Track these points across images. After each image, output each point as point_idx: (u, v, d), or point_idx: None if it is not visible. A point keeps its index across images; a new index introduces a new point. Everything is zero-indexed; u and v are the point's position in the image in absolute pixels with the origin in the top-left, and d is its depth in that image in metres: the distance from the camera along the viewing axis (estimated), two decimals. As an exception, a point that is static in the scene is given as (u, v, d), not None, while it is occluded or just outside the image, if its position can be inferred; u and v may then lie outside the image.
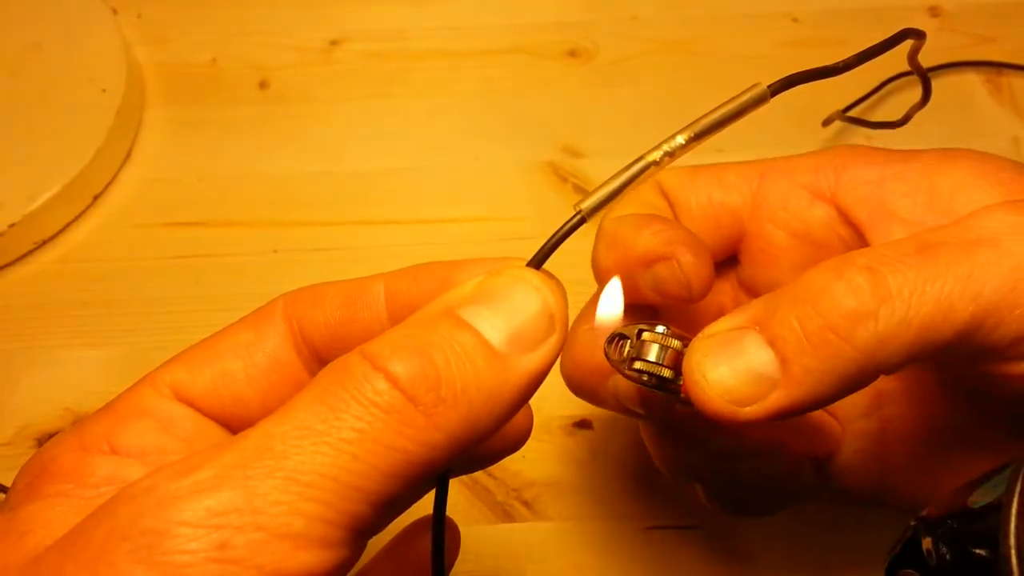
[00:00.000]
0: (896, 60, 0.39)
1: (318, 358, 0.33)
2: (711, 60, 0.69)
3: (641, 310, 0.39)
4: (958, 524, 0.29)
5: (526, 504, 0.52)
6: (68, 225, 0.62)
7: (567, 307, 0.29)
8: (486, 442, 0.28)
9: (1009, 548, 0.26)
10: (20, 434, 0.55)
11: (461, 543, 0.40)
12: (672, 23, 0.71)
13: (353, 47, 0.70)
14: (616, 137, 0.65)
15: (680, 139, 0.32)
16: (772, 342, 0.31)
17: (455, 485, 0.52)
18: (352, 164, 0.65)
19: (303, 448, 0.25)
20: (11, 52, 0.66)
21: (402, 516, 0.34)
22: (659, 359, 0.34)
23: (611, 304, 0.35)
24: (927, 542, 0.30)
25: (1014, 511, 0.27)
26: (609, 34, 0.70)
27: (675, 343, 0.34)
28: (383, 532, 0.34)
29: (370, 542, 0.29)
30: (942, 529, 0.29)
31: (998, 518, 0.27)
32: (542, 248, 0.30)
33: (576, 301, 0.31)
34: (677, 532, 0.52)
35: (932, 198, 0.36)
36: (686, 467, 0.42)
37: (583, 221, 0.31)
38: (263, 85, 0.68)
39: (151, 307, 0.59)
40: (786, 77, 0.34)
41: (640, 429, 0.43)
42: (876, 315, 0.31)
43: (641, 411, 0.39)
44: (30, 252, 0.61)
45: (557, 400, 0.54)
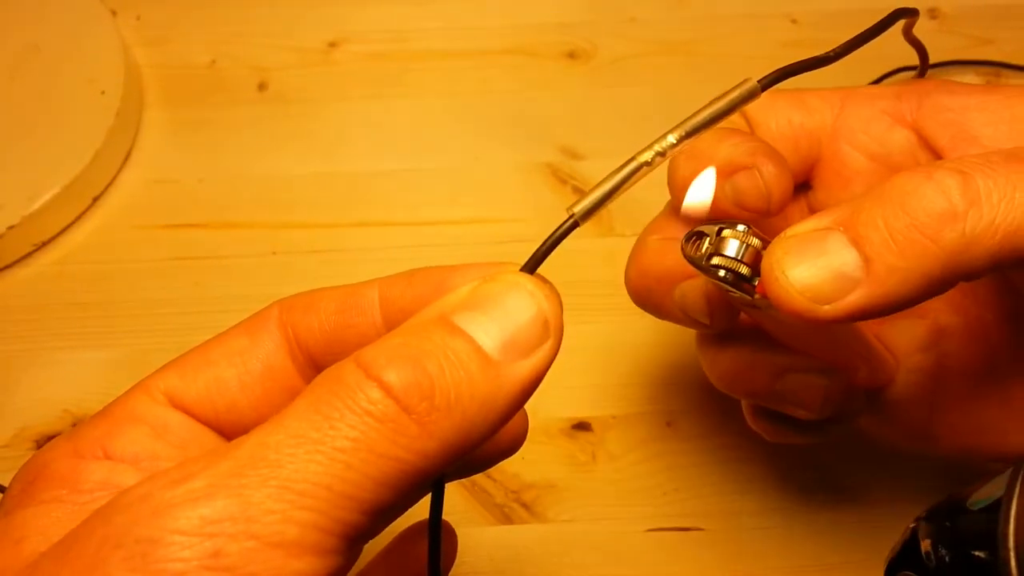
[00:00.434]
0: (893, 56, 0.39)
1: (313, 364, 0.33)
2: (711, 61, 0.69)
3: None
4: (957, 525, 0.29)
5: (525, 506, 0.52)
6: (67, 227, 0.62)
7: (562, 312, 0.29)
8: (481, 447, 0.28)
9: (1008, 550, 0.26)
10: (19, 436, 0.55)
11: (460, 545, 0.40)
12: (672, 24, 0.71)
13: (352, 48, 0.70)
14: (615, 138, 0.65)
15: (671, 138, 0.32)
16: (856, 242, 0.31)
17: (454, 487, 0.52)
18: (351, 165, 0.65)
19: (297, 457, 0.25)
20: (10, 54, 0.66)
21: (399, 520, 0.35)
22: (738, 255, 0.34)
23: (702, 192, 0.36)
24: (926, 544, 0.30)
25: (1013, 512, 0.27)
26: (608, 35, 0.70)
27: (755, 241, 0.34)
28: (380, 536, 0.34)
29: (367, 546, 0.29)
30: (942, 530, 0.30)
31: (997, 519, 0.27)
32: (536, 252, 0.30)
33: (571, 304, 0.31)
34: (678, 534, 0.52)
35: (1014, 125, 0.37)
36: (739, 381, 0.42)
37: (576, 225, 0.31)
38: (262, 86, 0.68)
39: (150, 308, 0.59)
40: (777, 70, 0.33)
41: (697, 343, 0.43)
42: (965, 216, 0.30)
43: (706, 320, 0.39)
44: (29, 254, 0.61)
45: (556, 402, 0.55)
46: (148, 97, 0.68)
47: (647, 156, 0.32)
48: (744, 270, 0.34)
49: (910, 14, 0.40)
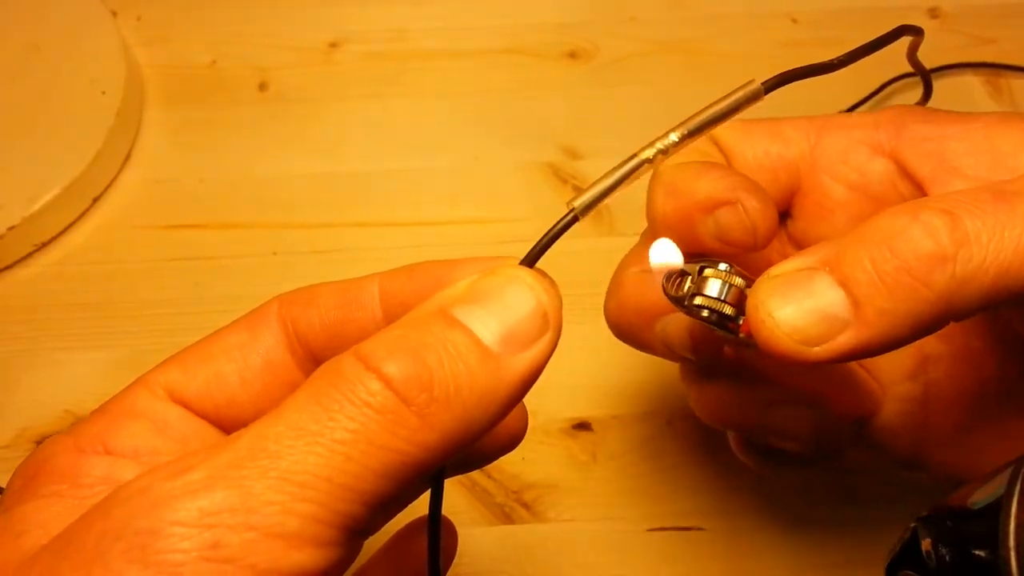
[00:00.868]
0: (895, 62, 0.39)
1: (313, 358, 0.33)
2: (711, 60, 0.69)
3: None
4: (958, 525, 0.29)
5: (525, 506, 0.52)
6: (68, 227, 0.62)
7: (561, 306, 0.29)
8: (481, 442, 0.28)
9: (1008, 549, 0.26)
10: (20, 436, 0.55)
11: (460, 545, 0.40)
12: (672, 23, 0.71)
13: (352, 48, 0.70)
14: (615, 138, 0.65)
15: (674, 136, 0.32)
16: (844, 283, 0.31)
17: (454, 487, 0.52)
18: (351, 165, 0.65)
19: (296, 448, 0.25)
20: (10, 54, 0.66)
21: (399, 516, 0.35)
22: (721, 295, 0.33)
23: (666, 256, 0.35)
24: (927, 543, 0.30)
25: (1014, 511, 0.26)
26: (608, 34, 0.70)
27: (738, 280, 0.33)
28: (380, 533, 0.34)
29: (367, 543, 0.29)
30: (942, 530, 0.29)
31: (997, 518, 0.27)
32: (535, 246, 0.30)
33: (571, 304, 0.31)
34: (678, 533, 0.52)
35: (994, 156, 0.36)
36: (726, 414, 0.42)
37: (576, 219, 0.31)
38: (263, 86, 0.68)
39: (151, 309, 0.59)
40: (781, 74, 0.33)
41: (681, 375, 0.43)
42: (955, 258, 0.30)
43: (689, 354, 0.39)
44: (30, 254, 0.61)
45: (557, 402, 0.55)
46: (148, 97, 0.68)
47: (649, 153, 0.32)
48: (728, 310, 0.33)
49: (914, 32, 0.39)
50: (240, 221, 0.62)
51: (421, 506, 0.34)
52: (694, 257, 0.35)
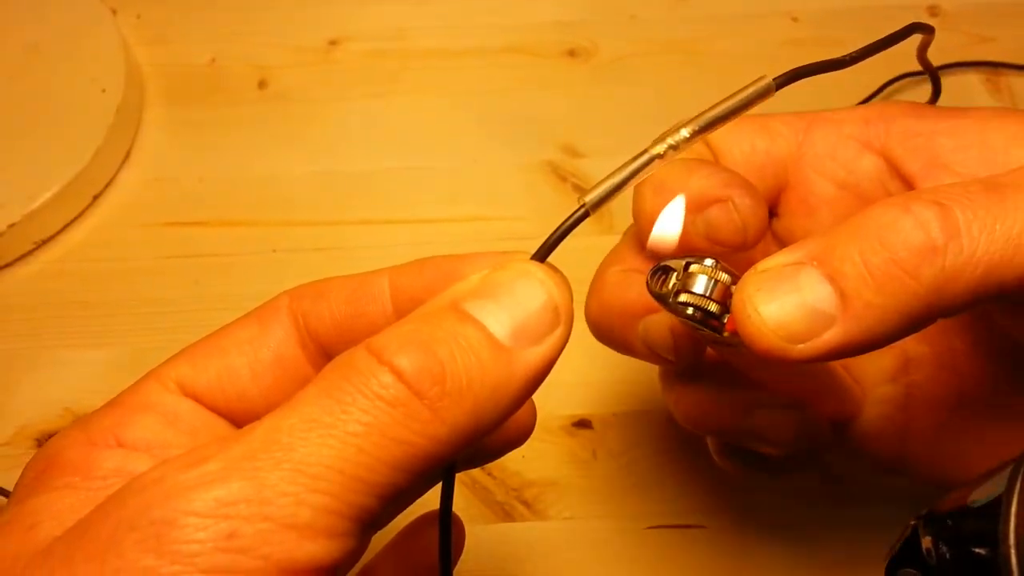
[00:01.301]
0: (901, 60, 0.39)
1: (323, 353, 0.33)
2: (711, 60, 0.69)
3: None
4: (958, 523, 0.29)
5: (526, 504, 0.52)
6: (68, 225, 0.62)
7: (572, 300, 0.29)
8: (490, 436, 0.28)
9: (1009, 547, 0.26)
10: (20, 434, 0.55)
11: (461, 543, 0.40)
12: (672, 23, 0.71)
13: (352, 47, 0.70)
14: (615, 137, 0.65)
15: (685, 132, 0.32)
16: (831, 277, 0.30)
17: (455, 484, 0.52)
18: (351, 163, 0.65)
19: (310, 440, 0.25)
20: (10, 53, 0.66)
21: (407, 512, 0.35)
22: (707, 291, 0.32)
23: (671, 224, 0.34)
24: (927, 541, 0.30)
25: (1014, 510, 0.27)
26: (608, 34, 0.71)
27: (724, 277, 0.33)
28: (388, 528, 0.34)
29: (375, 538, 0.29)
30: (942, 528, 0.29)
31: (998, 516, 0.27)
32: (546, 241, 0.30)
33: (580, 298, 0.31)
34: (678, 531, 0.52)
35: (985, 152, 0.36)
36: (706, 418, 0.41)
37: (587, 215, 0.31)
38: (262, 85, 0.68)
39: (151, 307, 0.59)
40: (792, 70, 0.33)
41: (660, 379, 0.43)
42: (945, 251, 0.29)
43: (670, 356, 0.38)
44: (30, 252, 0.61)
45: (557, 400, 0.55)
46: (148, 96, 0.68)
47: (660, 149, 0.32)
48: (713, 307, 0.32)
49: (926, 30, 0.39)
50: (240, 219, 0.62)
51: (425, 502, 0.35)
52: (681, 254, 0.34)
